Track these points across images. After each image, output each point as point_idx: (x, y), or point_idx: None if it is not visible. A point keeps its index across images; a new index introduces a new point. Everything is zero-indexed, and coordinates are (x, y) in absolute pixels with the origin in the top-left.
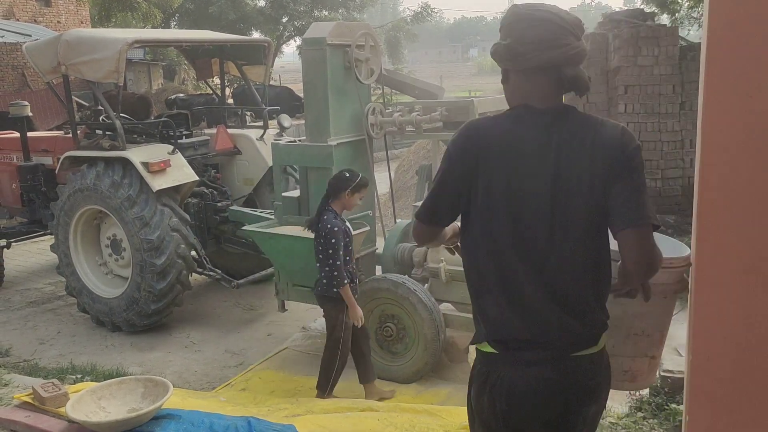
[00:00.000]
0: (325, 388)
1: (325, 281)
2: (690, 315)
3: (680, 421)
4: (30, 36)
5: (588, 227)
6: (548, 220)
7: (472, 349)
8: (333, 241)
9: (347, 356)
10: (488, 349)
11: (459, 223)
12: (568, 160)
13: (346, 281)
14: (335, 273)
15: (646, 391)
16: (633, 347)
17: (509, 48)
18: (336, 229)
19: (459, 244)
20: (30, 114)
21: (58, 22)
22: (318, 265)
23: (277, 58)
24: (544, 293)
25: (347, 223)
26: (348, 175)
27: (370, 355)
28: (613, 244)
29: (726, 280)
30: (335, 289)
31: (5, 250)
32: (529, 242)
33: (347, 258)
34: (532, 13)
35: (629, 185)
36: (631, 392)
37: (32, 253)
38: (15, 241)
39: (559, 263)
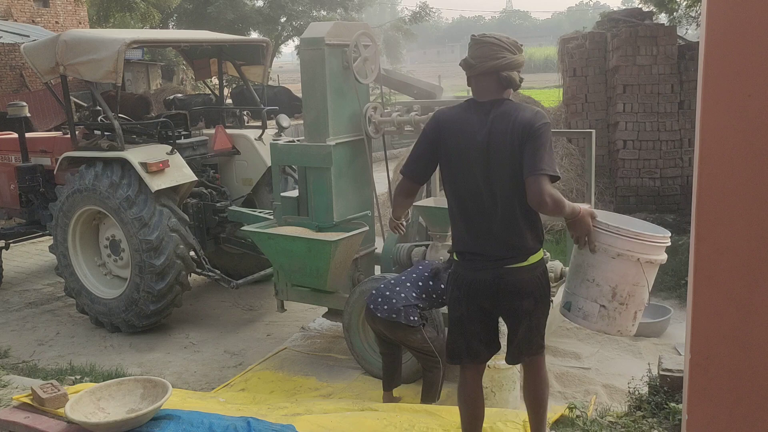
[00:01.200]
0: (434, 401)
1: (402, 307)
2: (689, 314)
3: (680, 419)
4: (28, 36)
5: (512, 176)
6: (485, 171)
7: None
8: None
9: (444, 361)
10: (455, 258)
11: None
12: (497, 132)
13: None
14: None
15: (645, 390)
16: (585, 291)
17: (466, 61)
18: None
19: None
20: (28, 114)
21: (56, 22)
22: (403, 293)
23: (275, 58)
24: (487, 224)
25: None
26: None
27: (401, 366)
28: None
29: (725, 280)
30: (413, 316)
31: (4, 251)
32: (474, 188)
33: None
34: (480, 38)
35: (532, 147)
36: (630, 391)
37: (31, 254)
38: (13, 242)
39: (494, 203)
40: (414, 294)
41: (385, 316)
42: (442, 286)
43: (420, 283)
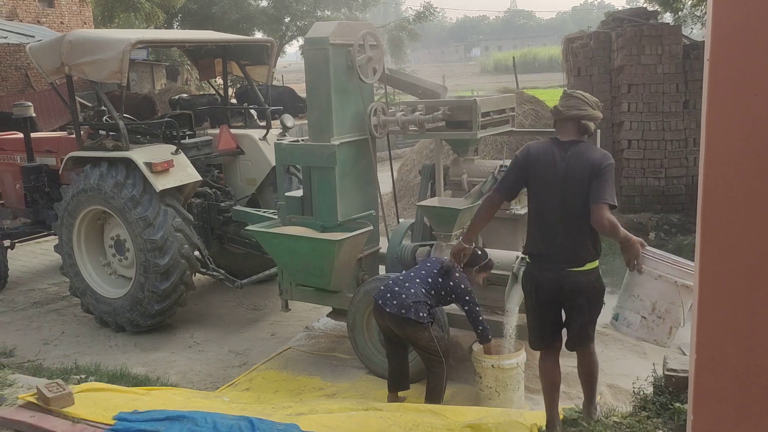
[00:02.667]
0: (439, 401)
1: (412, 303)
2: (695, 315)
3: (685, 420)
4: (33, 37)
5: (581, 201)
6: (561, 195)
7: (476, 348)
8: (468, 298)
9: (449, 361)
10: (528, 258)
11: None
12: (573, 166)
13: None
14: (483, 329)
15: (649, 390)
16: (630, 304)
17: (557, 108)
18: (471, 289)
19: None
20: (33, 114)
21: (61, 22)
22: (413, 289)
23: (279, 58)
24: (556, 234)
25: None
26: (480, 253)
27: (408, 368)
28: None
29: (730, 280)
30: (422, 312)
31: (9, 250)
32: (551, 206)
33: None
34: (570, 93)
35: (598, 181)
36: (635, 391)
37: (36, 254)
38: (19, 242)
39: (564, 219)
40: (423, 290)
41: (395, 311)
42: (451, 284)
43: (429, 280)
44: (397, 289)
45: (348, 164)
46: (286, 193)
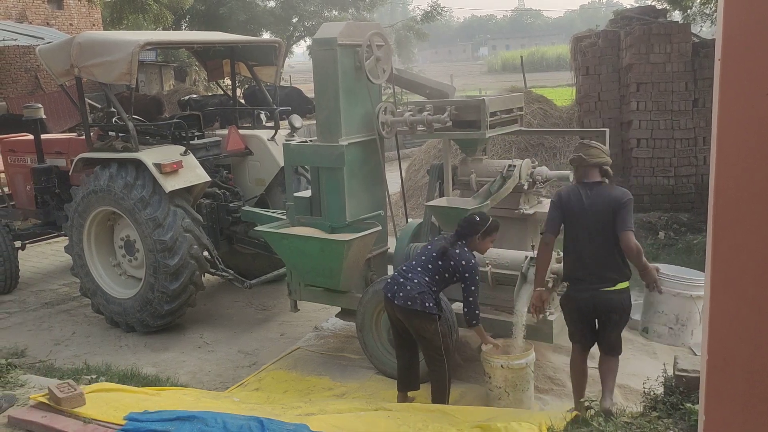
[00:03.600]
0: (445, 400)
1: (417, 294)
2: (706, 315)
3: (695, 420)
4: (43, 39)
5: (606, 231)
6: (589, 228)
7: (485, 348)
8: (467, 275)
9: (452, 361)
10: (567, 282)
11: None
12: (597, 203)
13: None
14: (474, 309)
15: (660, 390)
16: (657, 319)
17: (581, 157)
18: (473, 262)
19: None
20: (43, 116)
21: (71, 24)
22: (416, 279)
23: (287, 59)
24: (589, 261)
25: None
26: (478, 219)
27: (418, 368)
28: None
29: (743, 280)
30: (429, 302)
31: (20, 251)
32: (583, 237)
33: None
34: (588, 143)
35: (622, 213)
36: (645, 391)
37: (46, 255)
38: (29, 243)
39: (594, 247)
40: (426, 279)
41: (401, 303)
42: (452, 263)
43: (430, 266)
44: (402, 280)
45: (356, 164)
46: (295, 194)
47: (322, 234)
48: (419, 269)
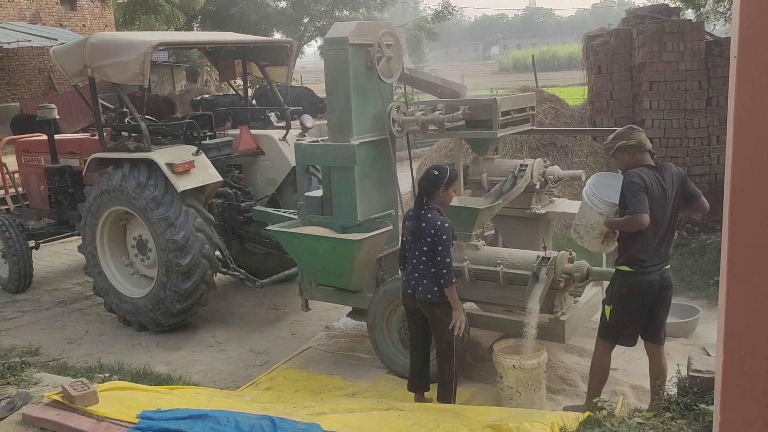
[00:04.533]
0: (451, 398)
1: (436, 288)
2: (722, 313)
3: (710, 421)
4: (56, 40)
5: (676, 211)
6: (667, 212)
7: (496, 347)
8: (444, 237)
9: (461, 360)
10: (630, 268)
11: None
12: (672, 185)
13: (455, 281)
14: (445, 271)
15: (674, 391)
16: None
17: (640, 142)
18: (446, 225)
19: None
20: (57, 117)
21: (83, 25)
22: (422, 267)
23: (298, 59)
24: (657, 242)
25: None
26: (437, 172)
27: (429, 368)
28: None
29: (760, 277)
30: (445, 287)
31: (34, 250)
32: (658, 222)
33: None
34: (632, 128)
35: (690, 184)
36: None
37: (60, 254)
38: (43, 242)
39: (665, 229)
40: (433, 269)
41: (422, 296)
42: (431, 232)
43: (416, 251)
44: (417, 275)
45: (367, 164)
46: (306, 193)
47: (333, 233)
48: (424, 258)
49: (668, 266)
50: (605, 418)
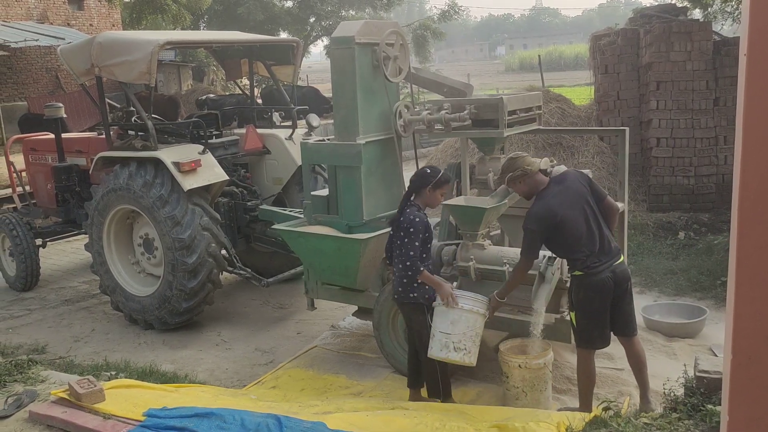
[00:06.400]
0: (439, 392)
1: (400, 288)
2: (730, 313)
3: (717, 421)
4: (63, 39)
5: (595, 210)
6: (585, 218)
7: (502, 347)
8: (411, 230)
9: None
10: (580, 272)
11: None
12: (574, 191)
13: (422, 267)
14: (408, 263)
15: (680, 392)
16: None
17: (523, 171)
18: (417, 220)
19: None
20: (64, 116)
21: (91, 25)
22: (396, 261)
23: (304, 58)
24: (596, 243)
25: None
26: (429, 171)
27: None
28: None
29: None
30: (413, 293)
31: (41, 249)
32: (585, 229)
33: (424, 255)
34: (512, 157)
35: (594, 185)
36: (665, 392)
37: (67, 252)
38: (50, 241)
39: (596, 229)
40: (401, 264)
41: (394, 295)
42: (404, 226)
43: (397, 249)
44: (396, 274)
45: (373, 163)
46: (312, 192)
47: (339, 233)
48: (398, 252)
49: (620, 260)
50: (611, 418)
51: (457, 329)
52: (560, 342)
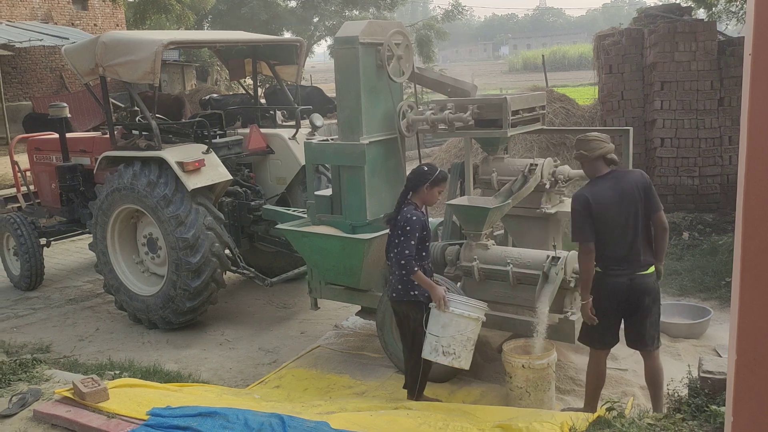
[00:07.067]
0: (414, 390)
1: (400, 285)
2: (734, 314)
3: (721, 422)
4: (68, 39)
5: (639, 217)
6: (623, 219)
7: (505, 347)
8: (408, 228)
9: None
10: (600, 269)
11: None
12: (627, 192)
13: (416, 268)
14: (402, 261)
15: (684, 392)
16: None
17: (581, 154)
18: (414, 218)
19: None
20: (68, 115)
21: (95, 25)
22: (392, 261)
23: (307, 58)
24: (625, 248)
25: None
26: (426, 169)
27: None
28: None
29: None
30: (414, 291)
31: (45, 248)
32: (619, 229)
33: (423, 254)
34: (584, 137)
35: (652, 193)
36: (669, 393)
37: (71, 252)
38: (54, 240)
39: (631, 235)
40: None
41: (390, 295)
42: (400, 224)
43: (395, 249)
44: (390, 276)
45: (377, 163)
46: (316, 192)
47: (342, 232)
48: (395, 250)
49: (646, 272)
50: (615, 419)
51: (446, 332)
52: (564, 342)
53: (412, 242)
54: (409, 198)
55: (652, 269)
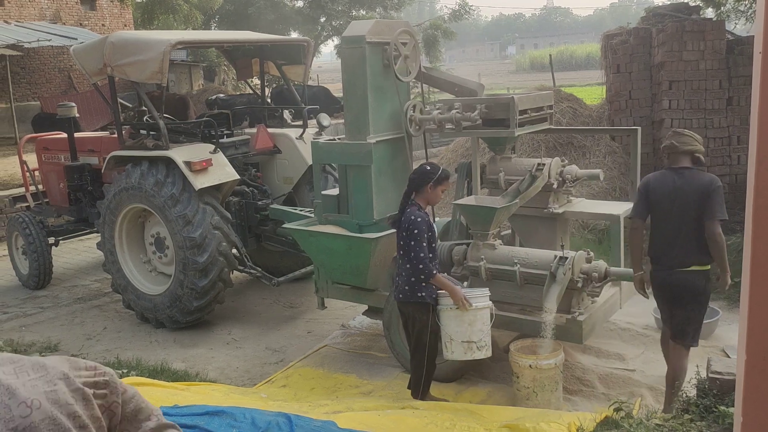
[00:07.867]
0: (419, 390)
1: (407, 287)
2: (744, 314)
3: (730, 423)
4: (76, 39)
5: (692, 218)
6: (674, 214)
7: (512, 347)
8: (416, 231)
9: (435, 358)
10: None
11: None
12: (686, 189)
13: (435, 271)
14: (420, 266)
15: (692, 393)
16: None
17: (672, 144)
18: (419, 219)
19: None
20: (77, 115)
21: (103, 25)
22: (400, 262)
23: (314, 58)
24: (671, 244)
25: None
26: (429, 168)
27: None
28: None
29: None
30: (421, 292)
31: (53, 247)
32: (669, 222)
33: (431, 255)
34: (680, 131)
35: (711, 200)
36: (678, 394)
37: (79, 251)
38: (63, 239)
39: (679, 233)
40: (408, 265)
41: (396, 297)
42: (404, 226)
43: (401, 252)
44: (396, 278)
45: (384, 162)
46: (323, 192)
47: (349, 232)
48: (401, 252)
49: (686, 269)
50: (623, 419)
51: (475, 328)
52: (571, 342)
53: (424, 244)
54: (412, 199)
55: (695, 267)
